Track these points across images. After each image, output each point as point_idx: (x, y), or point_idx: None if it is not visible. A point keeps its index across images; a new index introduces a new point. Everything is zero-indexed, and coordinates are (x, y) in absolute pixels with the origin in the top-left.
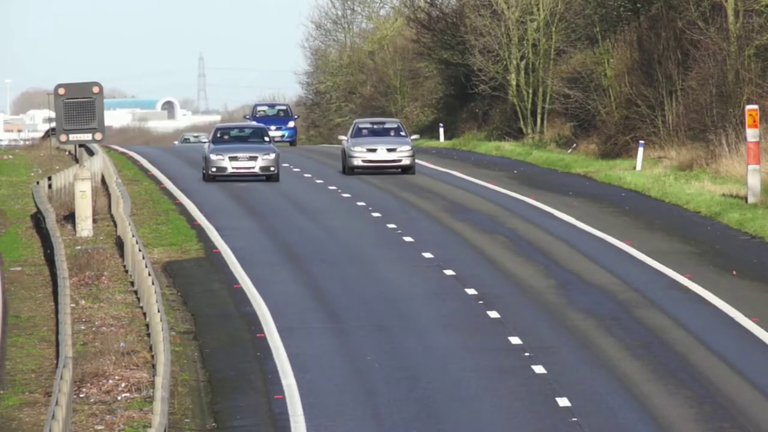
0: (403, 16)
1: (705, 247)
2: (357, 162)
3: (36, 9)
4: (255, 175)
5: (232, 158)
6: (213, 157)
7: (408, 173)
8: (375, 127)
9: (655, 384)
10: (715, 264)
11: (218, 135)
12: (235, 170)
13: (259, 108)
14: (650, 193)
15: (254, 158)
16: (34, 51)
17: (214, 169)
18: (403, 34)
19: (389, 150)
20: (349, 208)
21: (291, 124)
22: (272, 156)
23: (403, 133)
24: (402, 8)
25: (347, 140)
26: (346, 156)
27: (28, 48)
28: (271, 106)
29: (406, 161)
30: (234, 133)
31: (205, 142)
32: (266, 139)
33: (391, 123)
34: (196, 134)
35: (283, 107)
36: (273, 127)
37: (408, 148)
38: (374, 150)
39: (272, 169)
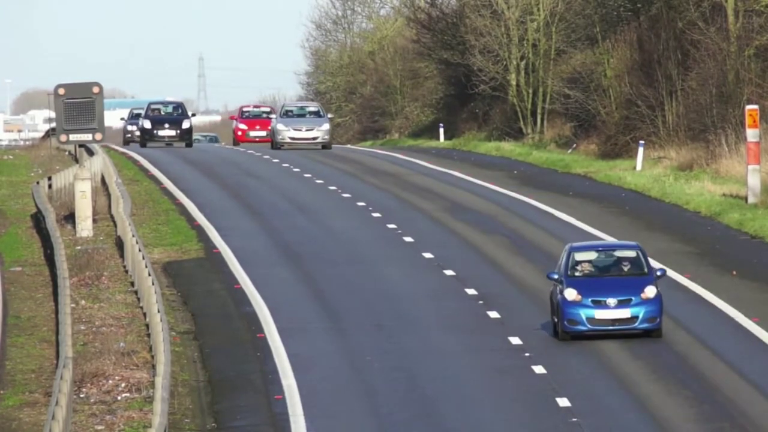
0: (403, 17)
1: (705, 247)
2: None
3: (36, 9)
4: None
5: None
6: None
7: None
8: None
9: (655, 384)
10: (715, 264)
11: None
12: None
13: None
14: (650, 193)
15: None
16: (34, 51)
17: None
18: (404, 34)
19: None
20: (349, 208)
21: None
22: None
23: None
24: (402, 8)
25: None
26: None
27: (28, 48)
28: None
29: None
30: None
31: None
32: None
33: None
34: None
35: None
36: None
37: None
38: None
39: None
